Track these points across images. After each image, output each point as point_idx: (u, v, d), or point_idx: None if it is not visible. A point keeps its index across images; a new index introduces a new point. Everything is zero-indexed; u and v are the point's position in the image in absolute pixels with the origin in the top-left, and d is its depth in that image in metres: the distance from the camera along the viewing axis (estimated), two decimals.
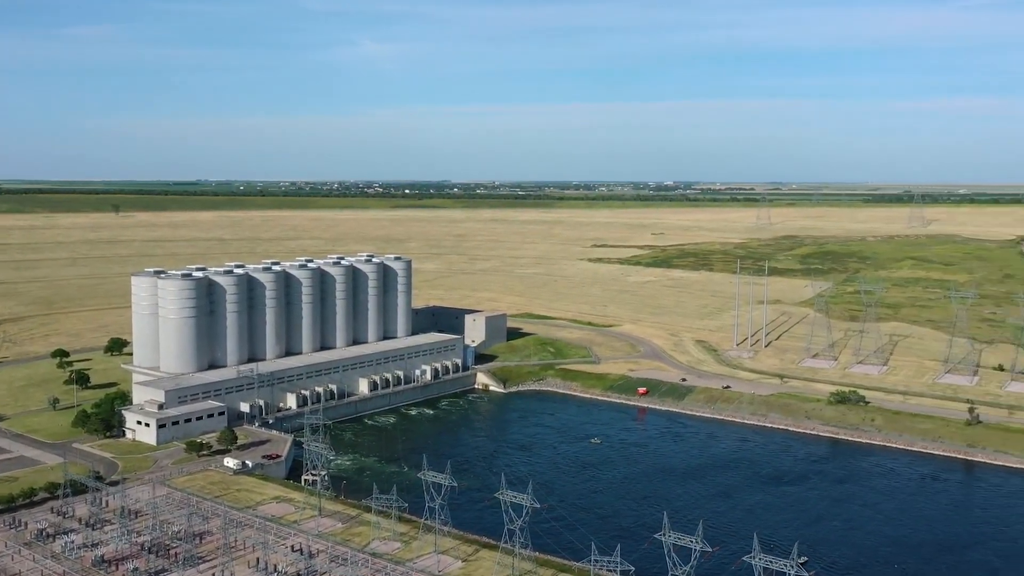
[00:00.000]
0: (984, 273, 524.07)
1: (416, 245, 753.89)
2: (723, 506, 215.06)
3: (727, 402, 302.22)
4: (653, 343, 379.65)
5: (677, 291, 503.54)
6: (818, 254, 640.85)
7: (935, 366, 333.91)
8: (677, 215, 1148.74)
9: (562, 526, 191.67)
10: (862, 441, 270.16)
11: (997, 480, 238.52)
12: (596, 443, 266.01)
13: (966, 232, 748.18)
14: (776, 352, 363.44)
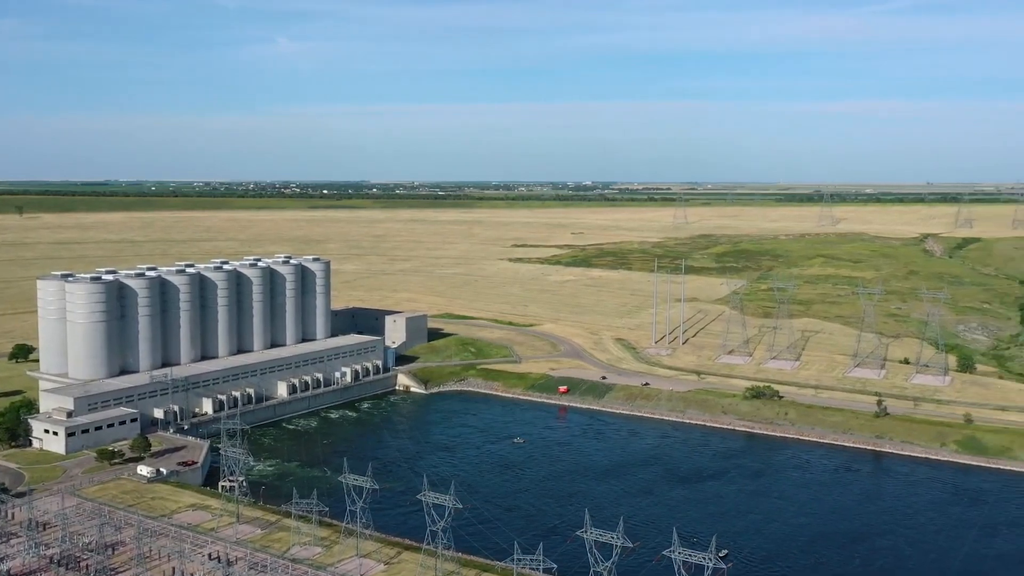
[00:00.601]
0: (890, 270, 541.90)
1: (335, 246, 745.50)
2: (644, 502, 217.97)
3: (646, 399, 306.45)
4: (573, 342, 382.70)
5: (597, 290, 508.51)
6: (733, 252, 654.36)
7: (845, 360, 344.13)
8: (596, 215, 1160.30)
9: (486, 526, 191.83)
10: (776, 435, 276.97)
11: (904, 469, 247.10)
12: (519, 442, 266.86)
13: (873, 230, 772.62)
14: (693, 349, 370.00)
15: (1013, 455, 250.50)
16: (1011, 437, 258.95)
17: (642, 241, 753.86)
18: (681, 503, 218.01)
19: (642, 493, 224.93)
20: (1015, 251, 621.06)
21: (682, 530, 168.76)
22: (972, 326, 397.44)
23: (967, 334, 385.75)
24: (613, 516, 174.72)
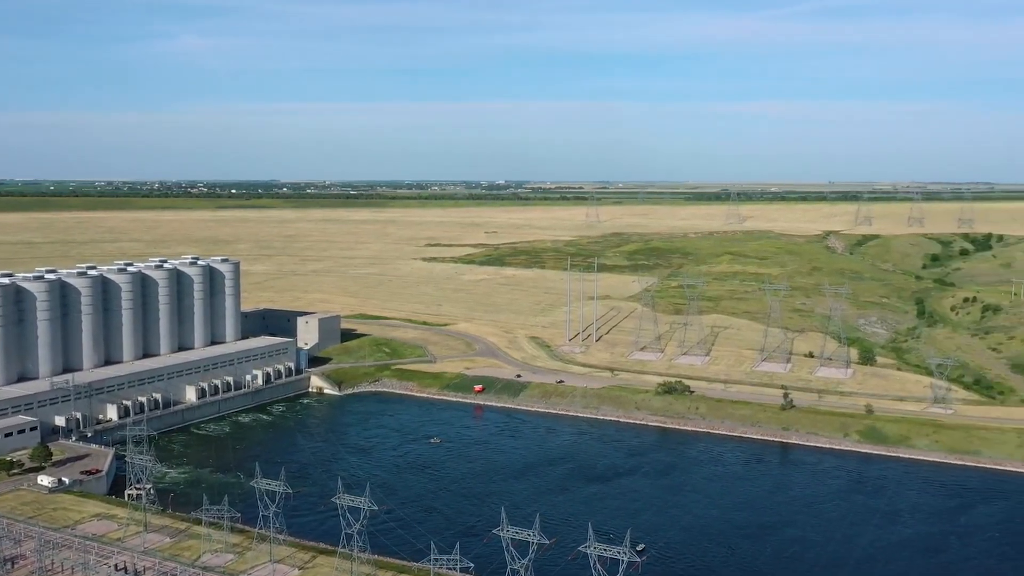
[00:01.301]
0: (795, 267, 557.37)
1: (244, 246, 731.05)
2: (560, 499, 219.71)
3: (561, 396, 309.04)
4: (488, 341, 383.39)
5: (510, 289, 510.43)
6: (644, 250, 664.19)
7: (752, 355, 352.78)
8: (509, 214, 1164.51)
9: (402, 528, 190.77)
10: (688, 429, 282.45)
11: (810, 460, 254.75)
12: (435, 442, 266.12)
13: (778, 228, 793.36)
14: (606, 346, 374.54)
15: (911, 443, 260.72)
16: (909, 426, 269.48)
17: (555, 240, 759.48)
18: (597, 499, 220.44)
19: (558, 490, 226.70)
20: (911, 247, 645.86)
21: (598, 525, 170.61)
22: (872, 320, 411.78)
23: (867, 328, 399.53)
24: (530, 514, 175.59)
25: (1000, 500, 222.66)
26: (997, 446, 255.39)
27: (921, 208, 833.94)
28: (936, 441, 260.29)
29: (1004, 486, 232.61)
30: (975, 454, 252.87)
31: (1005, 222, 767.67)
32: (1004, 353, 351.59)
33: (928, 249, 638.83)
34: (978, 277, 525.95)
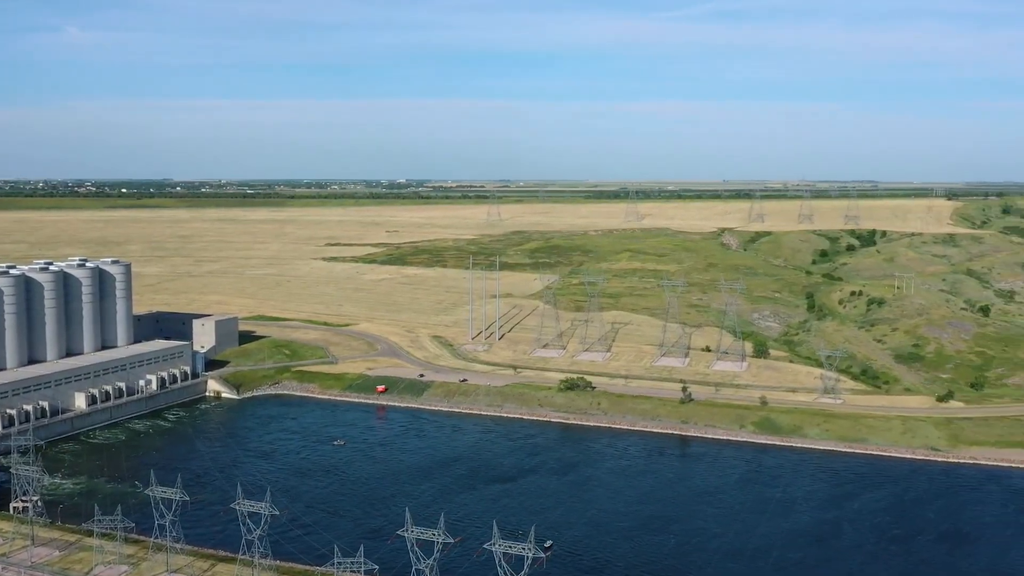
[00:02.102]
0: (691, 263, 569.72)
1: (136, 248, 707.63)
2: (466, 498, 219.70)
3: (464, 395, 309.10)
4: (390, 340, 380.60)
5: (412, 288, 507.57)
6: (545, 248, 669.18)
7: (652, 350, 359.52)
8: (410, 212, 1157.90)
9: (305, 532, 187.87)
10: (591, 424, 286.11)
11: (708, 451, 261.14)
12: (339, 444, 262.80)
13: (675, 225, 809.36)
14: (509, 344, 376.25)
15: (803, 433, 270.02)
16: (801, 416, 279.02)
17: (457, 238, 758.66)
18: (502, 497, 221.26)
19: (464, 489, 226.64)
20: (801, 243, 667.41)
21: (504, 523, 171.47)
22: (765, 314, 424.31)
23: (761, 322, 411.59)
24: (435, 513, 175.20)
25: (889, 485, 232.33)
26: (883, 433, 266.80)
27: (810, 205, 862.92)
28: (827, 430, 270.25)
29: (890, 471, 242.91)
30: (863, 441, 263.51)
31: (888, 219, 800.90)
32: (888, 344, 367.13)
33: (817, 245, 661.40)
34: (864, 272, 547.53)
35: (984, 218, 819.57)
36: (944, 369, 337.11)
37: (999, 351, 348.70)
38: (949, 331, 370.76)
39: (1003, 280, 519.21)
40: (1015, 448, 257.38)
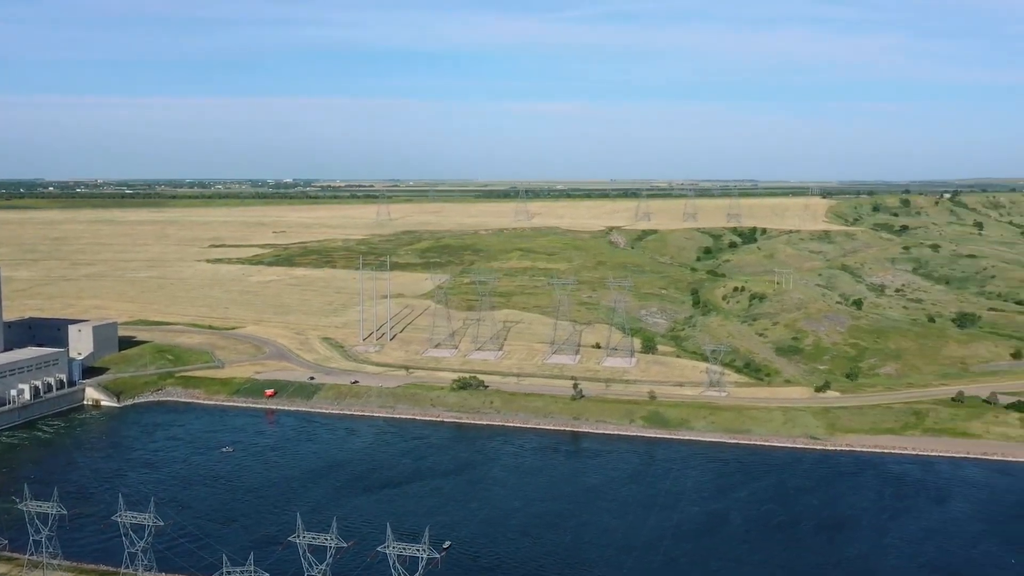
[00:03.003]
0: (581, 261, 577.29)
1: (5, 251, 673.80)
2: (360, 501, 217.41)
3: (356, 397, 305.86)
4: (279, 343, 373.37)
5: (301, 289, 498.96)
6: (436, 248, 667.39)
7: (543, 348, 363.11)
8: (298, 212, 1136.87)
9: (192, 543, 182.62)
10: (484, 423, 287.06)
11: (600, 447, 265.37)
12: (228, 451, 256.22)
13: (564, 224, 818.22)
14: (401, 344, 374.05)
15: (691, 426, 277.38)
16: (688, 410, 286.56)
17: (346, 239, 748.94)
18: (397, 498, 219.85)
19: (358, 492, 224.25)
20: (686, 241, 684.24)
21: (399, 525, 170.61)
22: (653, 311, 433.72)
23: (649, 318, 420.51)
24: (328, 518, 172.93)
25: (773, 473, 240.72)
26: (765, 424, 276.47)
27: (694, 204, 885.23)
28: (713, 422, 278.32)
29: (773, 460, 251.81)
30: (747, 432, 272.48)
31: (768, 217, 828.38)
32: (769, 338, 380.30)
33: (701, 243, 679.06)
34: (745, 268, 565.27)
35: (856, 216, 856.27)
36: (821, 361, 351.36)
37: (871, 342, 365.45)
38: (825, 324, 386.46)
39: (874, 275, 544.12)
40: (887, 434, 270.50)
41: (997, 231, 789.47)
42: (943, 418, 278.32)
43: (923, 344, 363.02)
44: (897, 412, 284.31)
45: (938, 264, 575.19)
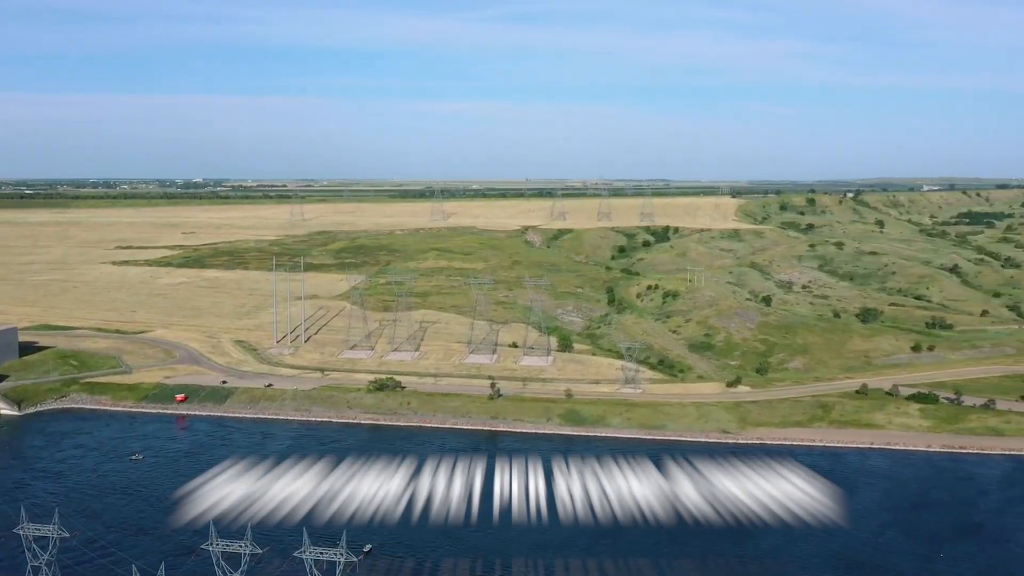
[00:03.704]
0: (497, 261, 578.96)
1: None
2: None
3: (270, 400, 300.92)
4: (189, 347, 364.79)
5: (212, 291, 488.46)
6: (351, 248, 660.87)
7: (461, 348, 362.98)
8: (208, 213, 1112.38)
9: (101, 554, 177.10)
10: (401, 424, 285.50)
11: (518, 445, 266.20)
12: (138, 459, 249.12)
13: (480, 224, 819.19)
14: (316, 346, 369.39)
15: (607, 423, 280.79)
16: (604, 407, 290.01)
17: (259, 239, 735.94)
18: (318, 502, 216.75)
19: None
20: (601, 240, 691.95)
21: (318, 530, 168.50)
22: (569, 309, 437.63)
23: (565, 317, 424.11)
24: (243, 525, 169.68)
25: (689, 469, 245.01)
26: (679, 419, 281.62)
27: (609, 204, 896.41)
28: (628, 419, 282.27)
29: (686, 454, 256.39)
30: (662, 428, 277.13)
31: (680, 216, 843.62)
32: (682, 335, 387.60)
33: (616, 241, 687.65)
34: (659, 266, 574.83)
35: (765, 214, 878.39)
36: (733, 356, 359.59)
37: (780, 338, 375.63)
38: (736, 321, 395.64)
39: (782, 272, 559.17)
40: (795, 427, 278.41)
41: (897, 229, 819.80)
42: (848, 410, 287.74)
43: (829, 339, 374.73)
44: (805, 405, 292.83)
45: (842, 261, 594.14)
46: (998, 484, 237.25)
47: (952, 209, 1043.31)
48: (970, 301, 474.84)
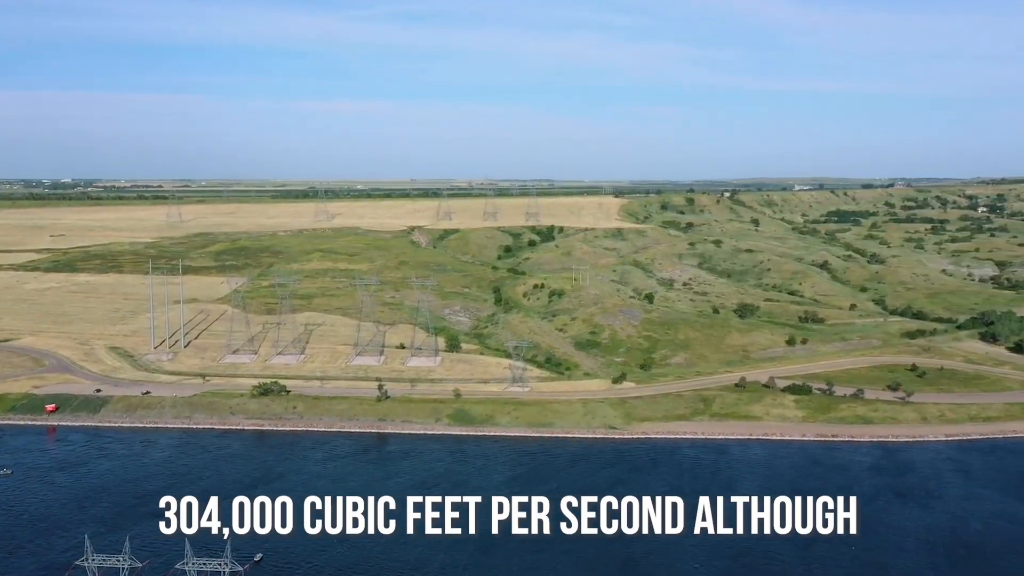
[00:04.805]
0: (383, 261, 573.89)
1: None
2: (158, 518, 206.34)
3: (148, 409, 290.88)
4: (60, 355, 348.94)
5: (85, 296, 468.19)
6: (232, 250, 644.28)
7: (347, 350, 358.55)
8: (79, 215, 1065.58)
9: None
10: (287, 429, 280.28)
11: (408, 446, 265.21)
12: (6, 473, 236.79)
13: (366, 224, 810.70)
14: (197, 352, 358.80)
15: (495, 422, 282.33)
16: (492, 406, 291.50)
17: (134, 242, 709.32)
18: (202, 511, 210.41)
19: (154, 508, 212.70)
20: (487, 240, 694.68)
21: (202, 540, 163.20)
22: (456, 309, 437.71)
23: (452, 317, 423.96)
24: (121, 538, 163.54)
25: (581, 464, 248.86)
26: (567, 416, 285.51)
27: (494, 203, 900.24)
28: (516, 417, 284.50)
29: (577, 452, 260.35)
30: (549, 426, 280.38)
31: (564, 215, 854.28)
32: (568, 333, 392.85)
33: (502, 241, 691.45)
34: (545, 265, 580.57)
35: (646, 214, 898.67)
36: (618, 353, 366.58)
37: (662, 334, 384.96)
38: (620, 318, 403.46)
39: (664, 270, 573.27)
40: (678, 421, 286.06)
41: (771, 227, 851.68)
42: (728, 403, 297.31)
43: (709, 334, 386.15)
44: (687, 399, 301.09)
45: (721, 259, 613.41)
46: (867, 471, 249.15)
47: (822, 208, 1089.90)
48: (839, 296, 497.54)
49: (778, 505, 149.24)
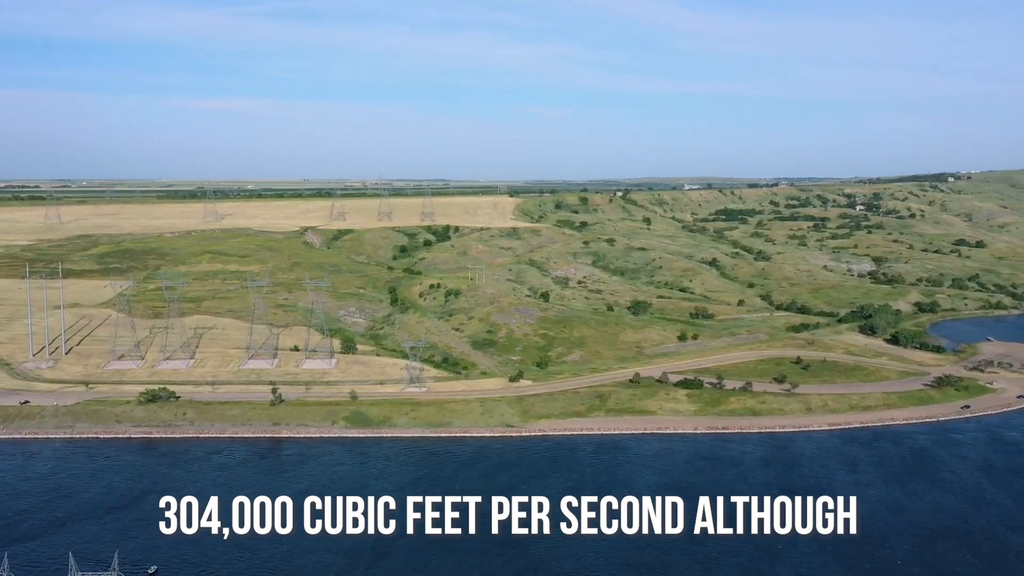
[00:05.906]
0: (276, 263, 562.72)
1: None
2: (39, 532, 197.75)
3: (27, 419, 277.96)
4: None
5: None
6: (116, 252, 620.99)
7: (239, 354, 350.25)
8: None
9: None
10: (177, 436, 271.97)
11: (304, 450, 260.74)
12: None
13: (257, 225, 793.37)
14: (79, 358, 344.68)
15: (393, 423, 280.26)
16: (389, 407, 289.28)
17: (8, 245, 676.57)
18: (84, 525, 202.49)
19: (34, 523, 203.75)
20: (382, 240, 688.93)
21: (87, 553, 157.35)
22: (351, 310, 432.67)
23: (348, 318, 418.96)
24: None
25: (481, 464, 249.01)
26: (465, 416, 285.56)
27: (389, 203, 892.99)
28: (414, 418, 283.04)
29: (476, 451, 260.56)
30: (448, 425, 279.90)
31: (460, 215, 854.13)
32: (465, 332, 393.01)
33: (397, 241, 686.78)
34: (440, 265, 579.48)
35: (541, 213, 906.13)
36: (514, 352, 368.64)
37: (558, 332, 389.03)
38: (517, 317, 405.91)
39: (558, 268, 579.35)
40: (575, 417, 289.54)
41: (663, 226, 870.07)
42: (623, 399, 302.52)
43: (603, 331, 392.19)
44: (583, 396, 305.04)
45: (614, 257, 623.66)
46: (757, 462, 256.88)
47: (710, 207, 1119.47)
48: (728, 292, 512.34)
49: (778, 505, 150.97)
